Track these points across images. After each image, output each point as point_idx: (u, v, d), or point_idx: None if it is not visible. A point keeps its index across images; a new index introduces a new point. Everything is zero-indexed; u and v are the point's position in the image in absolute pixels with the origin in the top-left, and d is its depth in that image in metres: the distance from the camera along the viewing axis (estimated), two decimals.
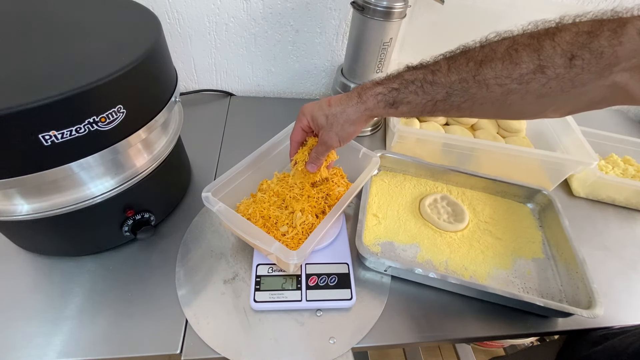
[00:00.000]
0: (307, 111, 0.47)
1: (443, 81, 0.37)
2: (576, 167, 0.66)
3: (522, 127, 0.81)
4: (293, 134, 0.50)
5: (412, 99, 0.39)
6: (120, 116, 0.37)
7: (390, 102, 0.40)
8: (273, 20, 0.73)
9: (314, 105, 0.46)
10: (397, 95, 0.40)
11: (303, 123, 0.48)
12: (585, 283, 0.50)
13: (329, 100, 0.45)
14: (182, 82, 0.82)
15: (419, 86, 0.38)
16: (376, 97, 0.41)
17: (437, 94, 0.38)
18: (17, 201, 0.39)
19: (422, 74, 0.38)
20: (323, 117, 0.45)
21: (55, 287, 0.47)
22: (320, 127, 0.46)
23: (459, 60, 0.36)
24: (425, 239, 0.58)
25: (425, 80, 0.38)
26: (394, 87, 0.40)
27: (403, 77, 0.39)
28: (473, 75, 0.35)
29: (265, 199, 0.54)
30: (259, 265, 0.49)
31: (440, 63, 0.38)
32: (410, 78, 0.39)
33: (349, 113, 0.43)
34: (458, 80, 0.36)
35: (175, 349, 0.43)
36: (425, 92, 0.38)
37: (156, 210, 0.51)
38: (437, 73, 0.37)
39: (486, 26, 0.80)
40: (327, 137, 0.45)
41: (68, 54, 0.37)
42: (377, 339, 0.46)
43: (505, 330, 0.49)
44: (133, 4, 0.47)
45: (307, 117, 0.47)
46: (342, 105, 0.43)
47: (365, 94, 0.42)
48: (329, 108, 0.44)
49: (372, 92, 0.41)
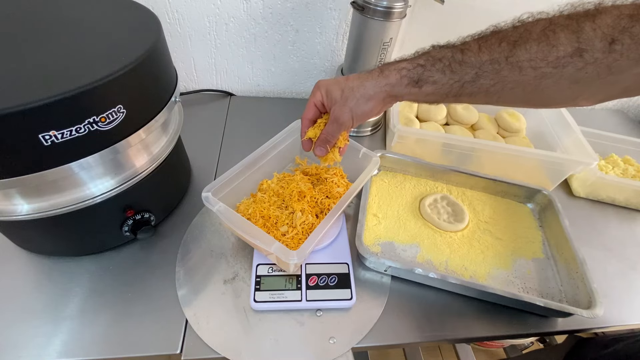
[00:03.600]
0: (322, 84, 0.44)
1: (473, 61, 0.34)
2: (576, 167, 0.66)
3: (522, 127, 0.81)
4: (305, 111, 0.46)
5: (439, 77, 0.37)
6: (120, 116, 0.37)
7: (415, 79, 0.38)
8: (273, 20, 0.73)
9: (330, 79, 0.43)
10: (423, 72, 0.37)
11: (317, 98, 0.44)
12: (585, 283, 0.50)
13: (347, 76, 0.42)
14: (182, 82, 0.82)
15: (446, 65, 0.36)
16: (400, 71, 0.38)
17: (466, 75, 0.35)
18: (17, 201, 0.39)
19: (450, 52, 0.36)
20: (338, 91, 0.42)
21: (55, 287, 0.47)
22: (334, 102, 0.42)
23: (491, 40, 0.34)
24: (425, 239, 0.58)
25: (454, 58, 0.35)
26: (419, 63, 0.37)
27: (430, 54, 0.37)
28: (506, 57, 0.33)
29: (265, 199, 0.54)
30: (259, 265, 0.49)
31: (469, 43, 0.35)
32: (438, 55, 0.37)
33: (367, 87, 0.40)
34: (489, 61, 0.34)
35: (175, 349, 0.43)
36: (453, 72, 0.36)
37: (156, 210, 0.51)
38: (466, 52, 0.35)
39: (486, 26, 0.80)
40: (340, 112, 0.41)
41: (68, 54, 0.37)
42: (377, 339, 0.46)
43: (505, 330, 0.49)
44: (133, 4, 0.47)
45: (321, 90, 0.44)
46: (361, 79, 0.40)
47: (387, 68, 0.39)
48: (346, 82, 0.41)
49: (395, 66, 0.39)
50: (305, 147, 0.48)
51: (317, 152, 0.47)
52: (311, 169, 0.61)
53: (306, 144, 0.48)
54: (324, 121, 0.46)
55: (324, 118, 0.47)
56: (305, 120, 0.47)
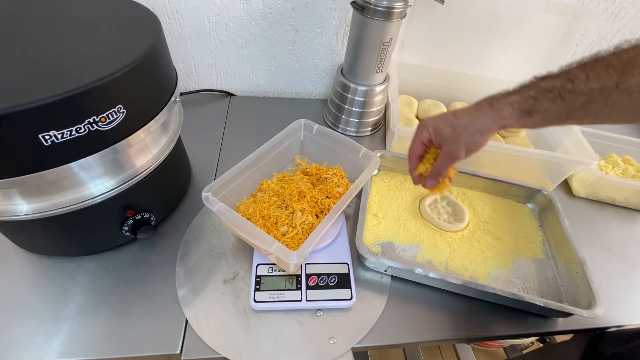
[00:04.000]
0: (429, 123, 0.46)
1: (583, 89, 0.37)
2: (576, 167, 0.66)
3: None
4: (412, 149, 0.49)
5: (549, 106, 0.39)
6: (120, 116, 0.37)
7: (526, 110, 0.40)
8: (273, 20, 0.73)
9: (437, 117, 0.46)
10: (534, 103, 0.39)
11: (424, 136, 0.47)
12: (585, 283, 0.50)
13: (454, 113, 0.44)
14: (182, 82, 0.82)
15: (556, 94, 0.38)
16: (511, 105, 0.40)
17: (576, 102, 0.37)
18: (17, 201, 0.39)
19: (559, 82, 0.38)
20: (448, 129, 0.44)
21: (55, 287, 0.47)
22: (444, 139, 0.44)
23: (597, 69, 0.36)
24: (425, 239, 0.58)
25: (563, 88, 0.37)
26: (530, 95, 0.39)
27: (539, 85, 0.39)
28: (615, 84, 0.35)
29: (265, 199, 0.54)
30: (259, 265, 0.49)
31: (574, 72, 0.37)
32: (547, 86, 0.39)
33: (480, 123, 0.42)
34: (599, 88, 0.36)
35: (175, 349, 0.43)
36: (563, 100, 0.38)
37: (156, 210, 0.51)
38: (575, 81, 0.37)
39: (486, 26, 0.81)
40: (454, 148, 0.44)
41: (68, 54, 0.37)
42: (377, 339, 0.46)
43: (505, 330, 0.49)
44: (133, 3, 0.47)
45: (429, 129, 0.46)
46: (472, 116, 0.42)
47: (498, 103, 0.41)
48: (456, 119, 0.43)
49: (506, 100, 0.40)
50: (416, 181, 0.51)
51: (429, 184, 0.49)
52: (311, 169, 0.61)
53: (417, 179, 0.51)
54: (432, 156, 0.48)
55: (430, 153, 0.49)
56: (413, 157, 0.49)
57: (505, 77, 0.84)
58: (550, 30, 0.76)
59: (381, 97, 0.74)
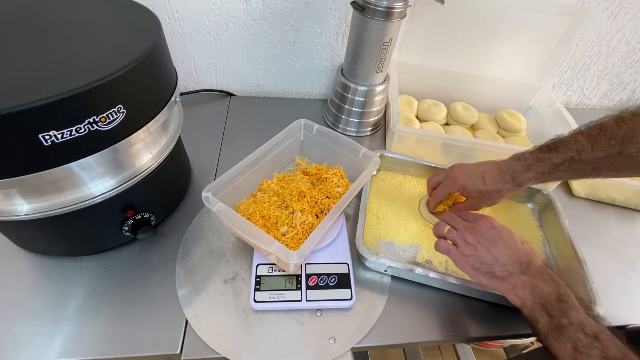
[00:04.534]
0: (459, 182, 0.53)
1: (589, 158, 0.42)
2: None
3: (522, 127, 0.81)
4: (438, 194, 0.56)
5: (561, 175, 0.46)
6: (120, 116, 0.37)
7: (542, 180, 0.48)
8: (273, 20, 0.73)
9: (467, 177, 0.52)
10: (548, 176, 0.47)
11: (452, 189, 0.54)
12: (585, 283, 0.50)
13: (483, 177, 0.51)
14: (182, 82, 0.82)
15: (567, 166, 0.45)
16: (529, 180, 0.49)
17: (585, 169, 0.44)
18: (17, 201, 0.39)
19: (569, 155, 0.44)
20: (477, 192, 0.52)
21: (55, 287, 0.47)
22: (471, 197, 0.53)
23: (600, 139, 0.42)
24: (425, 239, 0.58)
25: (572, 160, 0.44)
26: (545, 172, 0.47)
27: (551, 161, 0.46)
28: (618, 152, 0.41)
29: (265, 199, 0.54)
30: (259, 265, 0.49)
31: (581, 142, 0.43)
32: (558, 161, 0.45)
33: (502, 192, 0.50)
34: (604, 157, 0.41)
35: (175, 349, 0.43)
36: (573, 169, 0.45)
37: (156, 210, 0.51)
38: (582, 153, 0.43)
39: (486, 26, 0.81)
40: (478, 204, 0.53)
41: (68, 54, 0.37)
42: (377, 339, 0.46)
43: (505, 330, 0.49)
44: (133, 4, 0.47)
45: (458, 187, 0.53)
46: (497, 186, 0.50)
47: (519, 178, 0.49)
48: (484, 186, 0.51)
49: (525, 177, 0.48)
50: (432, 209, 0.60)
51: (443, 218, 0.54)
52: (311, 169, 0.61)
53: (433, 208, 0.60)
54: (451, 201, 0.60)
55: (451, 198, 0.60)
56: (436, 200, 0.57)
57: (505, 77, 0.84)
58: (550, 30, 0.76)
59: (381, 97, 0.74)
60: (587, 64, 0.91)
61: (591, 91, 0.99)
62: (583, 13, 0.73)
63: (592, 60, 0.90)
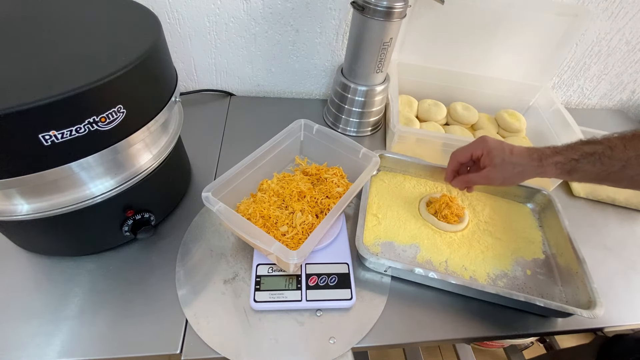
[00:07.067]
0: (489, 144, 0.51)
1: (621, 156, 0.43)
2: None
3: (522, 127, 0.81)
4: (460, 154, 0.54)
5: (588, 168, 0.45)
6: (120, 116, 0.37)
7: (567, 170, 0.46)
8: (273, 20, 0.73)
9: (497, 142, 0.51)
10: (576, 164, 0.45)
11: (477, 152, 0.52)
12: (585, 283, 0.50)
13: (512, 149, 0.50)
14: (182, 82, 0.82)
15: (597, 158, 0.44)
16: (555, 165, 0.47)
17: (613, 167, 0.43)
18: (17, 201, 0.39)
19: (601, 148, 0.44)
20: (500, 159, 0.49)
21: (55, 287, 0.47)
22: (492, 165, 0.50)
23: (634, 141, 0.42)
24: (425, 239, 0.58)
25: (604, 154, 0.43)
26: (573, 158, 0.45)
27: (582, 149, 0.45)
28: None
29: (265, 199, 0.54)
30: (259, 265, 0.49)
31: (614, 141, 0.44)
32: (590, 150, 0.44)
33: (525, 172, 0.49)
34: (635, 156, 0.42)
35: (175, 349, 0.43)
36: (602, 164, 0.44)
37: (156, 210, 0.51)
38: (614, 149, 0.43)
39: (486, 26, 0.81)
40: (495, 176, 0.50)
41: (68, 54, 0.37)
42: (377, 339, 0.46)
43: (505, 330, 0.49)
44: (133, 4, 0.47)
45: (484, 149, 0.51)
46: (523, 163, 0.48)
47: (546, 160, 0.47)
48: (511, 156, 0.49)
49: (552, 160, 0.47)
50: (449, 178, 0.58)
51: (455, 184, 0.57)
52: (311, 169, 0.61)
53: (450, 176, 0.57)
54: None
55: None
56: (455, 161, 0.55)
57: (505, 77, 0.84)
58: (550, 30, 0.76)
59: (381, 97, 0.74)
60: (587, 64, 0.91)
61: (591, 91, 0.99)
62: (583, 13, 0.73)
63: (592, 60, 0.90)
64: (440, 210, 0.60)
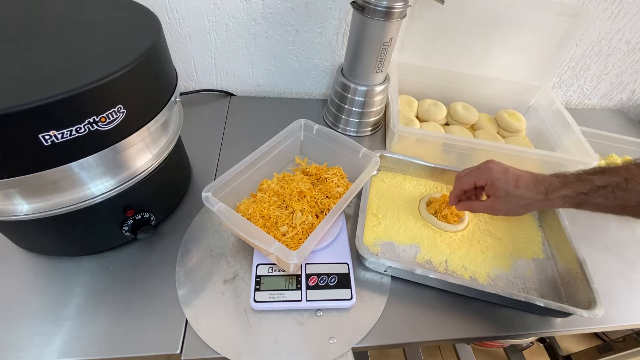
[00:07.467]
0: (492, 175, 0.48)
1: (638, 189, 0.39)
2: (576, 167, 0.65)
3: (522, 127, 0.81)
4: (464, 181, 0.52)
5: (600, 202, 0.41)
6: (120, 116, 0.37)
7: (576, 203, 0.43)
8: (273, 20, 0.73)
9: (502, 172, 0.48)
10: (585, 198, 0.42)
11: (480, 181, 0.50)
12: (585, 283, 0.50)
13: (517, 179, 0.47)
14: (182, 82, 0.82)
15: (609, 191, 0.40)
16: (563, 199, 0.43)
17: (630, 200, 0.39)
18: (17, 201, 0.39)
19: (615, 180, 0.40)
20: (504, 192, 0.47)
21: (55, 287, 0.47)
22: (496, 196, 0.48)
23: None
24: (425, 239, 0.58)
25: (618, 186, 0.39)
26: (582, 192, 0.42)
27: (593, 182, 0.41)
28: None
29: (265, 198, 0.54)
30: (259, 265, 0.49)
31: (632, 170, 0.40)
32: (601, 183, 0.41)
33: (531, 206, 0.46)
34: None
35: (175, 349, 0.43)
36: (616, 198, 0.40)
37: (156, 210, 0.51)
38: (630, 181, 0.39)
39: (486, 26, 0.81)
40: (499, 207, 0.48)
41: (68, 54, 0.37)
42: (377, 339, 0.46)
43: (505, 330, 0.49)
44: (133, 4, 0.47)
45: (490, 179, 0.49)
46: (529, 196, 0.45)
47: (552, 194, 0.44)
48: (515, 189, 0.46)
49: (559, 194, 0.43)
50: (452, 202, 0.56)
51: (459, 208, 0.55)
52: (311, 169, 0.61)
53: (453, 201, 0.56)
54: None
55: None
56: (458, 189, 0.54)
57: (505, 77, 0.84)
58: (550, 30, 0.76)
59: (381, 97, 0.74)
60: (587, 64, 0.91)
61: (591, 91, 0.99)
62: (583, 13, 0.73)
63: (592, 60, 0.90)
64: (440, 210, 0.60)
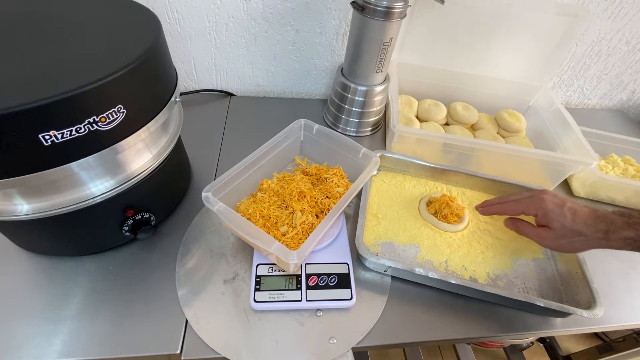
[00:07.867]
0: (546, 206, 0.46)
1: None
2: (576, 167, 0.66)
3: (522, 127, 0.81)
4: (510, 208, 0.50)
5: None
6: (120, 116, 0.37)
7: (637, 247, 0.40)
8: (273, 20, 0.73)
9: (556, 205, 0.46)
10: None
11: (532, 209, 0.47)
12: (585, 283, 0.50)
13: (574, 213, 0.44)
14: (182, 82, 0.82)
15: None
16: (624, 240, 0.41)
17: None
18: (17, 201, 0.39)
19: None
20: (559, 225, 0.44)
21: (55, 287, 0.47)
22: (549, 227, 0.45)
23: None
24: (425, 239, 0.58)
25: None
26: None
27: None
28: None
29: (265, 198, 0.54)
30: (259, 265, 0.49)
31: None
32: None
33: (586, 244, 0.43)
34: None
35: (175, 349, 0.43)
36: None
37: (156, 210, 0.51)
38: None
39: (486, 26, 0.81)
40: (549, 238, 0.45)
41: (68, 54, 0.37)
42: (377, 339, 0.46)
43: (505, 330, 0.49)
44: (133, 4, 0.47)
45: (541, 209, 0.46)
46: (587, 233, 0.42)
47: (613, 235, 0.41)
48: (573, 223, 0.43)
49: (620, 235, 0.41)
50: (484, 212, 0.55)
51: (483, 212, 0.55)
52: (311, 169, 0.61)
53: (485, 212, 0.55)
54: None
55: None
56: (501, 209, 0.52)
57: (505, 77, 0.84)
58: (550, 30, 0.76)
59: (381, 97, 0.74)
60: (587, 64, 0.91)
61: (591, 91, 0.99)
62: (583, 13, 0.73)
63: (592, 60, 0.90)
64: (440, 210, 0.60)
